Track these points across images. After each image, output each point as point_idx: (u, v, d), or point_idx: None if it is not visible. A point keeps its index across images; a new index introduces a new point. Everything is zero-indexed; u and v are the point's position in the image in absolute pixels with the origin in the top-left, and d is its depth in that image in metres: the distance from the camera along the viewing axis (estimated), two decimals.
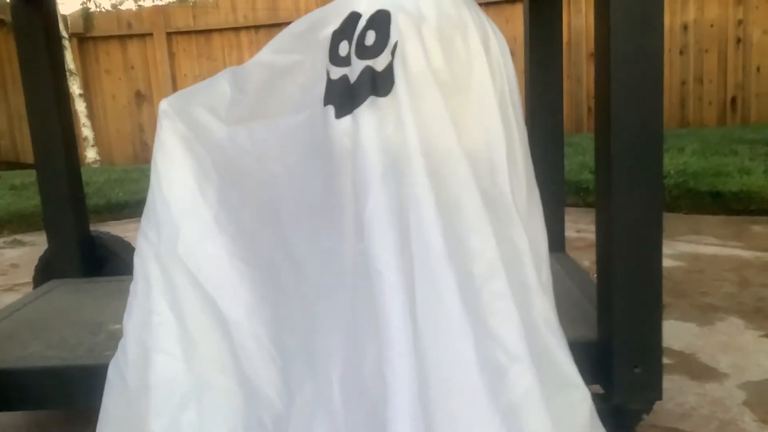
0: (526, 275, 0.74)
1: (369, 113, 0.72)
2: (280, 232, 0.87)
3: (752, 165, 3.34)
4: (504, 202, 0.75)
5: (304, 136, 0.82)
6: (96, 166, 6.78)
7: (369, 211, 0.71)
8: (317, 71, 0.79)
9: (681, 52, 6.12)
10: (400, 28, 0.73)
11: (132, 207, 3.72)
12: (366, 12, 0.76)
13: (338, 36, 0.77)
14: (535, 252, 0.76)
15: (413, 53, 0.73)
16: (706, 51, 6.17)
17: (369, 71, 0.73)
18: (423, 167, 0.71)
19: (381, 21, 0.74)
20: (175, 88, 6.89)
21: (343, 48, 0.76)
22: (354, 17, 0.77)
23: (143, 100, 7.20)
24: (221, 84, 0.92)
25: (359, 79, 0.73)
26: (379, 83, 0.72)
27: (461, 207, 0.71)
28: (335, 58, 0.77)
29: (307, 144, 0.81)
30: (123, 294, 0.93)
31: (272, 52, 0.88)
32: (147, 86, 7.18)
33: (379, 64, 0.73)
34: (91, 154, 6.91)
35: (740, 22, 6.10)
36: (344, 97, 0.74)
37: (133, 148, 7.28)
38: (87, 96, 6.98)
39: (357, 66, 0.74)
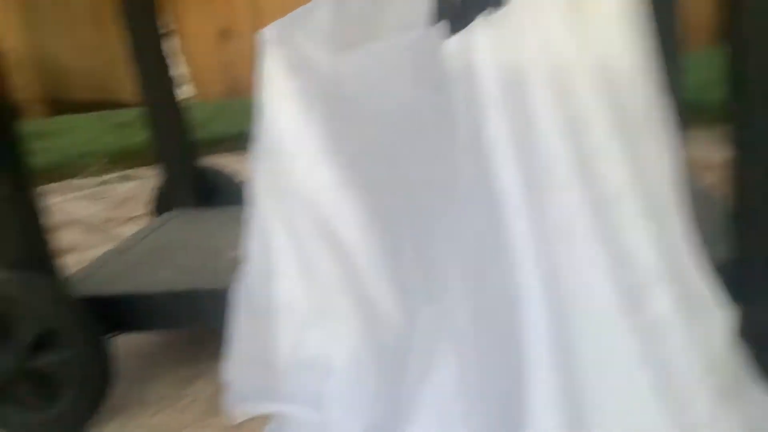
0: (661, 193, 0.71)
1: (483, 28, 0.69)
2: (391, 157, 0.87)
3: None
4: (634, 120, 0.71)
5: (414, 57, 0.79)
6: (193, 101, 6.97)
7: (489, 131, 0.69)
8: None
9: None
10: None
11: (229, 141, 3.79)
12: None
13: None
14: (669, 167, 0.72)
15: None
16: None
17: None
18: (544, 84, 0.67)
19: None
20: (259, 21, 6.88)
21: None
22: None
23: (229, 36, 7.27)
24: (321, 10, 0.90)
25: None
26: None
27: (587, 125, 0.68)
28: None
29: (417, 66, 0.79)
30: (237, 222, 0.95)
31: None
32: (233, 22, 7.22)
33: None
34: (187, 90, 7.09)
35: None
36: (455, 12, 0.71)
37: (227, 83, 7.40)
38: (176, 34, 7.11)
39: None
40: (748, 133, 0.84)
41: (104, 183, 3.09)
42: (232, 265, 0.94)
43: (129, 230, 1.83)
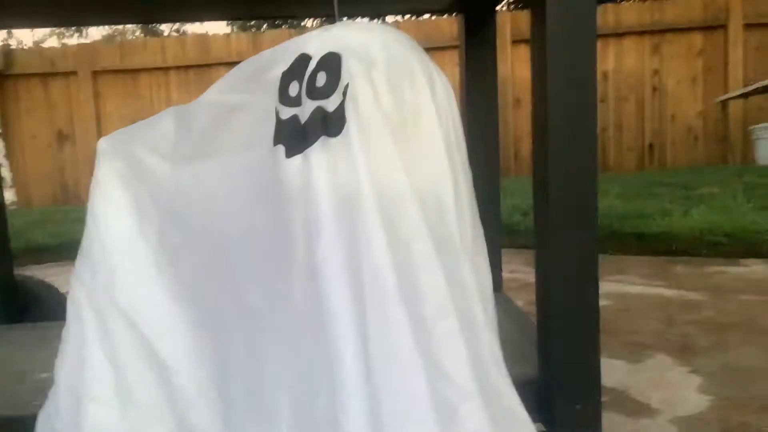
0: (474, 312, 0.75)
1: (320, 153, 0.73)
2: (225, 273, 0.86)
3: (672, 207, 3.52)
4: (452, 242, 0.76)
5: (253, 176, 0.81)
6: (14, 207, 6.49)
7: (321, 251, 0.71)
8: (266, 111, 0.79)
9: (601, 100, 6.45)
10: (351, 71, 0.74)
11: (53, 251, 3.56)
12: (316, 54, 0.77)
13: (288, 76, 0.78)
14: (481, 290, 0.77)
15: (364, 95, 0.74)
16: (625, 99, 6.52)
17: (320, 111, 0.73)
18: (374, 208, 0.71)
19: (332, 63, 0.75)
20: (99, 129, 6.71)
21: (293, 88, 0.77)
22: (304, 59, 0.77)
23: (65, 140, 6.97)
24: (165, 122, 0.91)
25: (310, 118, 0.74)
26: (331, 123, 0.73)
27: (412, 248, 0.72)
28: (285, 98, 0.77)
29: (256, 184, 0.81)
30: (50, 341, 0.89)
31: (219, 92, 0.87)
32: (69, 126, 6.96)
33: (331, 104, 0.73)
34: (8, 196, 6.61)
35: (656, 71, 6.50)
36: (295, 136, 0.74)
37: (53, 190, 7.01)
38: (5, 135, 6.71)
39: (308, 106, 0.74)
40: (545, 257, 0.92)
41: None
42: (40, 389, 0.86)
43: None
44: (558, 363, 0.92)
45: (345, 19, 0.83)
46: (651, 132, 6.54)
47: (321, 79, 0.75)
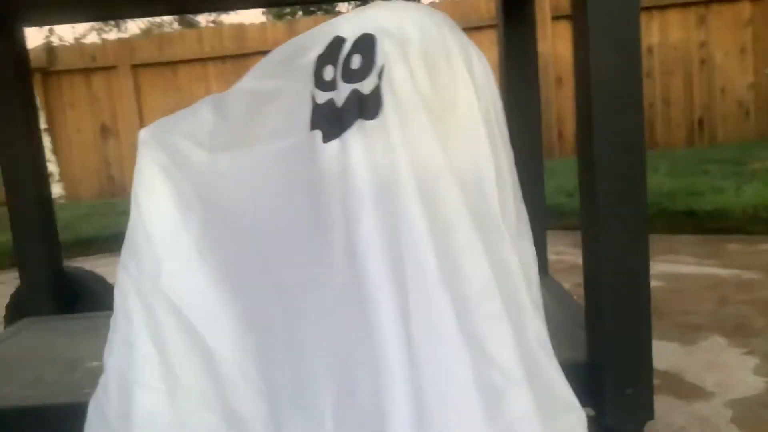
0: (518, 295, 0.73)
1: (358, 137, 0.72)
2: (265, 261, 0.86)
3: (724, 184, 3.40)
4: (494, 223, 0.74)
5: (290, 162, 0.81)
6: (62, 201, 6.67)
7: (362, 235, 0.70)
8: (302, 96, 0.78)
9: (647, 75, 6.26)
10: (386, 52, 0.73)
11: (101, 242, 3.65)
12: (350, 36, 0.76)
13: (323, 60, 0.77)
14: (526, 272, 0.75)
15: (400, 76, 0.72)
16: (672, 73, 6.33)
17: (356, 94, 0.72)
18: (414, 190, 0.70)
19: (366, 45, 0.74)
20: (141, 121, 6.83)
21: (329, 72, 0.76)
22: (338, 42, 0.76)
23: (109, 133, 7.12)
24: (203, 112, 0.91)
25: (346, 102, 0.73)
26: (367, 106, 0.72)
27: (453, 229, 0.70)
28: (320, 83, 0.76)
29: (293, 170, 0.80)
30: (99, 330, 0.90)
31: (255, 79, 0.87)
32: (113, 120, 7.10)
33: (366, 87, 0.72)
34: (56, 190, 6.80)
35: (703, 44, 6.29)
36: (331, 121, 0.74)
37: (100, 183, 7.17)
38: (51, 131, 6.89)
39: (343, 90, 0.73)
40: (593, 238, 0.89)
41: None
42: (90, 377, 0.88)
43: None
44: (607, 346, 0.89)
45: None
46: (700, 106, 6.34)
47: (356, 61, 0.74)
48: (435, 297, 0.67)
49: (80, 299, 1.55)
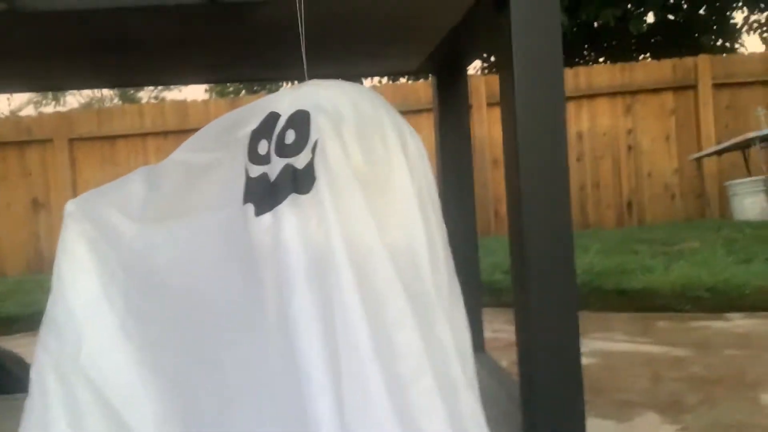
0: (452, 371, 0.73)
1: (290, 210, 0.71)
2: (194, 337, 0.83)
3: (653, 263, 3.52)
4: (428, 298, 0.74)
5: (223, 235, 0.79)
6: None
7: (293, 310, 0.69)
8: (236, 170, 0.78)
9: (578, 159, 6.55)
10: (320, 127, 0.74)
11: (24, 320, 3.48)
12: (285, 112, 0.77)
13: (257, 135, 0.77)
14: (459, 347, 0.75)
15: (334, 151, 0.73)
16: (601, 158, 6.63)
17: (290, 169, 0.73)
18: (347, 265, 0.69)
19: (301, 120, 0.75)
20: (75, 195, 6.63)
21: (263, 147, 0.76)
22: (273, 117, 0.77)
23: (40, 208, 6.90)
24: (134, 183, 0.89)
25: (279, 176, 0.73)
26: (300, 180, 0.72)
27: (386, 304, 0.70)
28: (254, 157, 0.76)
29: (226, 244, 0.79)
30: (15, 412, 0.84)
31: (189, 151, 0.87)
32: (45, 194, 6.90)
33: (300, 161, 0.73)
34: None
35: (630, 131, 6.64)
36: (264, 194, 0.73)
37: (27, 258, 6.88)
38: None
39: (277, 164, 0.74)
40: (525, 316, 0.90)
41: None
42: None
43: None
44: (542, 424, 0.89)
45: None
46: (629, 189, 6.63)
47: (290, 136, 0.74)
48: (368, 373, 0.66)
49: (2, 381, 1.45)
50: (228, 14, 0.95)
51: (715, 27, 9.18)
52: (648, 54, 9.39)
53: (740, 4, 8.94)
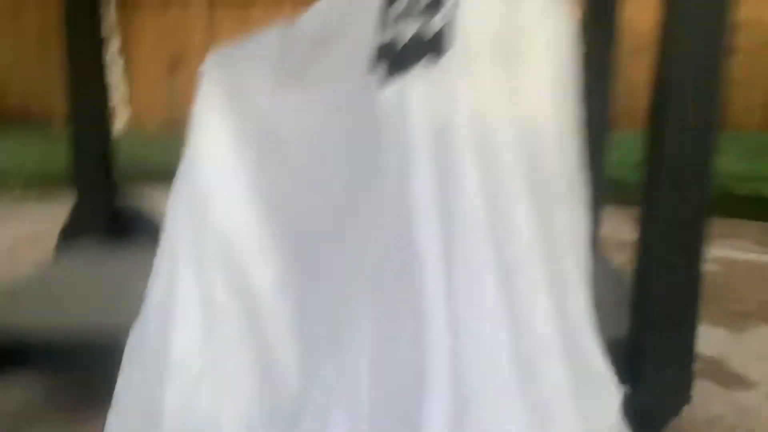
0: (565, 262, 0.72)
1: (419, 79, 0.69)
2: (317, 201, 0.85)
3: None
4: (548, 186, 0.72)
5: (351, 103, 0.79)
6: (127, 130, 6.80)
7: (413, 185, 0.69)
8: (368, 33, 0.76)
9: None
10: None
11: (162, 172, 3.71)
12: None
13: None
14: (575, 240, 0.73)
15: (471, 16, 0.69)
16: (757, 54, 6.01)
17: (423, 31, 0.70)
18: (469, 144, 0.68)
19: None
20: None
21: (395, 9, 0.73)
22: None
23: (180, 63, 7.20)
24: (270, 43, 0.89)
25: (411, 41, 0.70)
26: (433, 46, 0.69)
27: (505, 184, 0.69)
28: (387, 19, 0.73)
29: (353, 112, 0.79)
30: (148, 259, 0.90)
31: (321, 14, 0.85)
32: (184, 51, 7.16)
33: (434, 26, 0.69)
34: (123, 116, 6.92)
35: None
36: (394, 60, 0.71)
37: (168, 112, 7.29)
38: (124, 58, 7.00)
39: (409, 28, 0.71)
40: (651, 212, 0.87)
41: (18, 202, 2.95)
42: (135, 305, 0.89)
43: (37, 257, 1.73)
44: (651, 325, 0.87)
45: None
46: None
47: None
48: (480, 257, 0.67)
49: (132, 230, 1.55)
50: None
51: None
52: None
53: None
